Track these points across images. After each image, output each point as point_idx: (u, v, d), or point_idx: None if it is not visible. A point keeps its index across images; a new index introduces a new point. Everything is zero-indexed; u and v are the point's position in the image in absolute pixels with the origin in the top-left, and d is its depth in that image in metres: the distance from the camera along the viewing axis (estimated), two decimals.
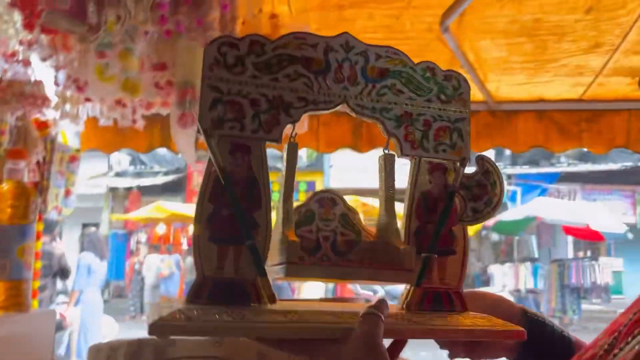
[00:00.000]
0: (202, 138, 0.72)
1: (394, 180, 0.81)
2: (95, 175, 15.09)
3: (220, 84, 0.72)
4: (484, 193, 0.82)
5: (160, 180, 15.72)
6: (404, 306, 0.78)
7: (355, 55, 0.78)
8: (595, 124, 3.32)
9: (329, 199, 0.82)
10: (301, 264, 0.73)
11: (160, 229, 13.37)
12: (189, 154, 1.75)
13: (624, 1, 2.55)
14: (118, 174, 16.46)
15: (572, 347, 0.85)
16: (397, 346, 0.78)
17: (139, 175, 16.40)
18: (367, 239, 0.81)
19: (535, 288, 12.57)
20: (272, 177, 0.74)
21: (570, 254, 15.30)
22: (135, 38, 1.33)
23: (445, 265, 0.79)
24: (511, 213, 12.74)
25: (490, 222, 12.93)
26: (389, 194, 0.81)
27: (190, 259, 12.04)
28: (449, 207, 0.79)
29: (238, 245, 0.71)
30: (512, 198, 14.71)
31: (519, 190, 14.68)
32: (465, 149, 0.82)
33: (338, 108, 0.79)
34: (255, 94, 0.74)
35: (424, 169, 0.80)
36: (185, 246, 13.27)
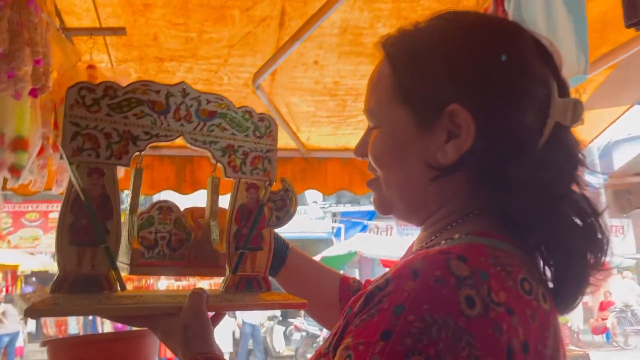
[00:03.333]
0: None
1: (217, 198, 1.04)
2: None
3: (79, 120, 0.87)
4: (284, 205, 1.08)
5: None
6: (224, 289, 1.02)
7: (191, 99, 0.97)
8: None
9: (167, 207, 1.03)
10: (141, 265, 0.94)
11: None
12: None
13: None
14: None
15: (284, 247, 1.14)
16: (216, 318, 1.00)
17: None
18: (196, 238, 1.04)
19: None
20: None
21: None
22: None
23: (256, 258, 1.04)
24: (336, 248, 13.61)
25: (317, 257, 13.66)
26: (212, 209, 1.03)
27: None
28: (260, 215, 1.04)
29: (94, 247, 0.88)
30: (337, 234, 15.73)
31: (342, 227, 15.76)
32: (273, 172, 1.06)
33: (178, 140, 0.99)
34: (108, 128, 0.89)
35: (242, 187, 1.03)
36: None
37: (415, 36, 0.73)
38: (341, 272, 1.22)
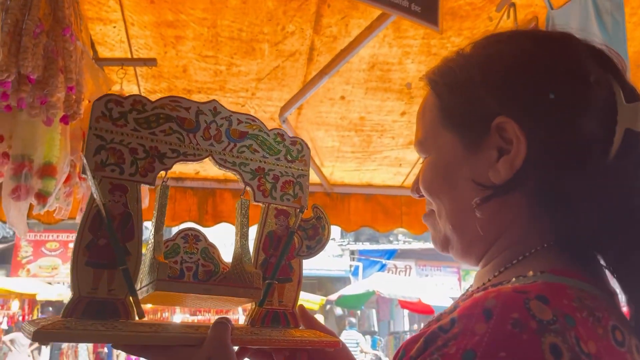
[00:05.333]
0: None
1: (247, 220, 0.96)
2: None
3: (105, 133, 0.82)
4: (316, 234, 0.99)
5: None
6: (249, 323, 0.93)
7: (221, 119, 0.92)
8: (413, 208, 3.81)
9: (193, 236, 0.97)
10: (169, 280, 0.83)
11: None
12: (20, 227, 1.72)
13: None
14: None
15: None
16: (241, 354, 0.91)
17: None
18: (224, 270, 0.96)
19: None
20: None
21: (407, 327, 16.36)
22: None
23: (284, 291, 0.96)
24: (353, 287, 13.38)
25: (334, 296, 13.43)
26: (243, 231, 0.96)
27: (8, 337, 10.67)
28: (289, 244, 0.96)
29: (112, 269, 0.81)
30: (355, 273, 15.51)
31: (360, 265, 15.55)
32: (304, 199, 0.98)
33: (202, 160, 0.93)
34: (134, 144, 0.84)
35: (271, 213, 0.96)
36: (4, 325, 11.72)
37: (455, 60, 0.71)
38: (358, 311, 1.11)
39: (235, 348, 0.87)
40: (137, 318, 0.83)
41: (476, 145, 0.65)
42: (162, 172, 0.88)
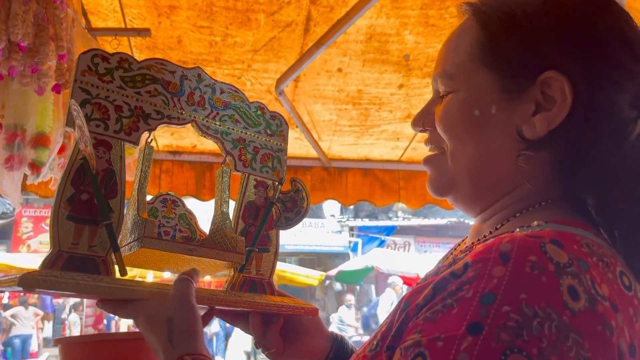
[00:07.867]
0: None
1: (228, 188, 0.98)
2: None
3: (90, 88, 0.82)
4: (295, 206, 1.01)
5: None
6: (229, 288, 0.95)
7: (205, 86, 0.94)
8: (410, 182, 3.81)
9: (171, 200, 0.97)
10: (155, 238, 0.83)
11: None
12: (14, 198, 1.72)
13: (427, 82, 3.06)
14: None
15: None
16: (211, 313, 0.90)
17: None
18: (201, 237, 0.97)
19: None
20: None
21: None
22: None
23: (261, 261, 0.98)
24: (352, 263, 13.47)
25: (333, 272, 13.54)
26: (224, 198, 0.97)
27: (10, 312, 10.82)
28: (268, 214, 0.98)
29: (93, 225, 0.80)
30: (354, 249, 15.59)
31: (359, 241, 15.63)
32: (282, 172, 1.02)
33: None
34: (120, 101, 0.84)
35: (251, 184, 0.98)
36: (5, 300, 11.84)
37: None
38: (357, 287, 1.09)
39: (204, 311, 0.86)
40: (119, 275, 0.82)
41: (516, 92, 0.62)
42: (146, 133, 0.88)
